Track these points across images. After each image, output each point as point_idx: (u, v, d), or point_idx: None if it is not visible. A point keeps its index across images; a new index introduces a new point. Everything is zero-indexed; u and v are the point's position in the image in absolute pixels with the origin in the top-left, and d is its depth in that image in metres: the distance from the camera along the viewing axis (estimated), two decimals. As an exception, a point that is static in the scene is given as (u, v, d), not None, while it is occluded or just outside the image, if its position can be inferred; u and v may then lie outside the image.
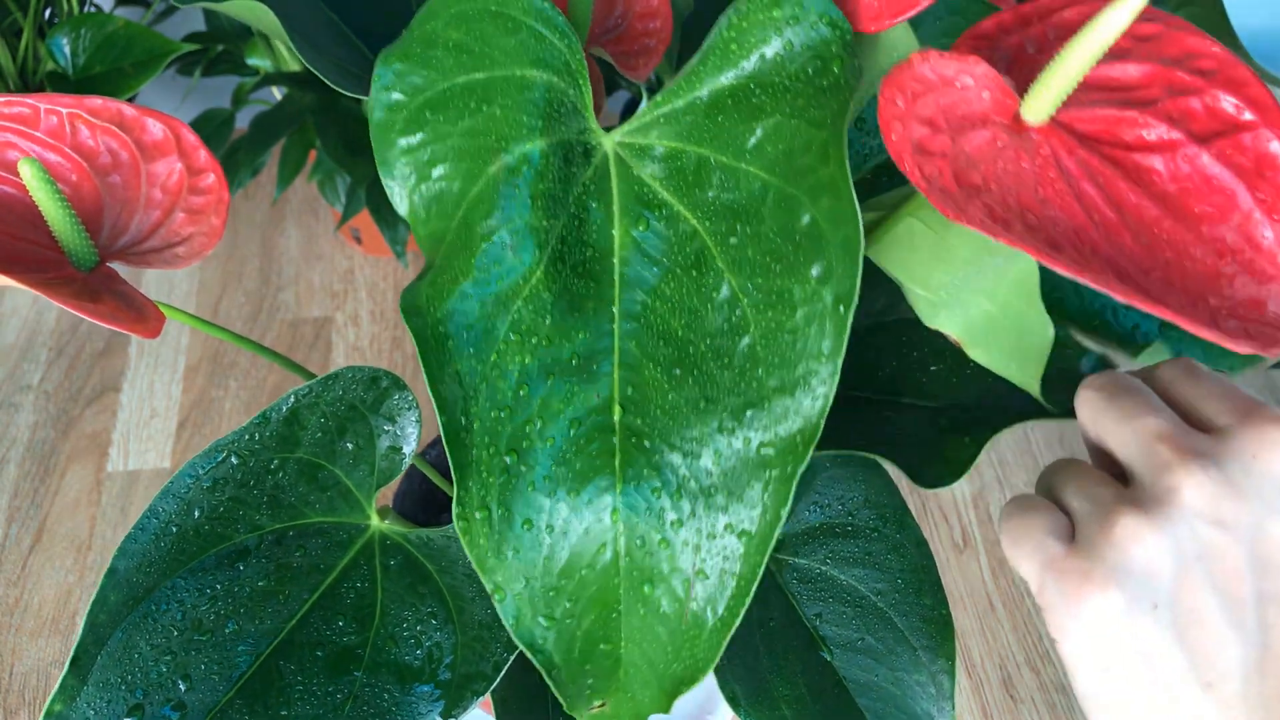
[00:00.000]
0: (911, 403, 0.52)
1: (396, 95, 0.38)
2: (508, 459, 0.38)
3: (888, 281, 0.46)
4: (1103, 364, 0.49)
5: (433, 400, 0.37)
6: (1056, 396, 0.45)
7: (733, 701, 0.51)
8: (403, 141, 0.38)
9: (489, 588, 0.38)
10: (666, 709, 0.39)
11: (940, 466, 0.46)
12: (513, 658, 0.46)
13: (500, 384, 0.38)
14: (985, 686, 0.96)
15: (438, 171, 0.38)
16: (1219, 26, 0.62)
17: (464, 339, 0.38)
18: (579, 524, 0.38)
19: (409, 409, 0.49)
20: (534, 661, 0.39)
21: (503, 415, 0.38)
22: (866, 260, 0.41)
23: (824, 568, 0.56)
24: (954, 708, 0.53)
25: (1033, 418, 0.47)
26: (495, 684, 0.45)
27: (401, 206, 0.37)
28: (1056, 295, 0.48)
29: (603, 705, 0.39)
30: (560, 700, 0.39)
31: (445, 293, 0.38)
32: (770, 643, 0.54)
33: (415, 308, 0.37)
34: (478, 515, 0.38)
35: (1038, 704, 0.95)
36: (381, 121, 0.37)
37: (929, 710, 0.53)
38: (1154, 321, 0.50)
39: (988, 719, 0.94)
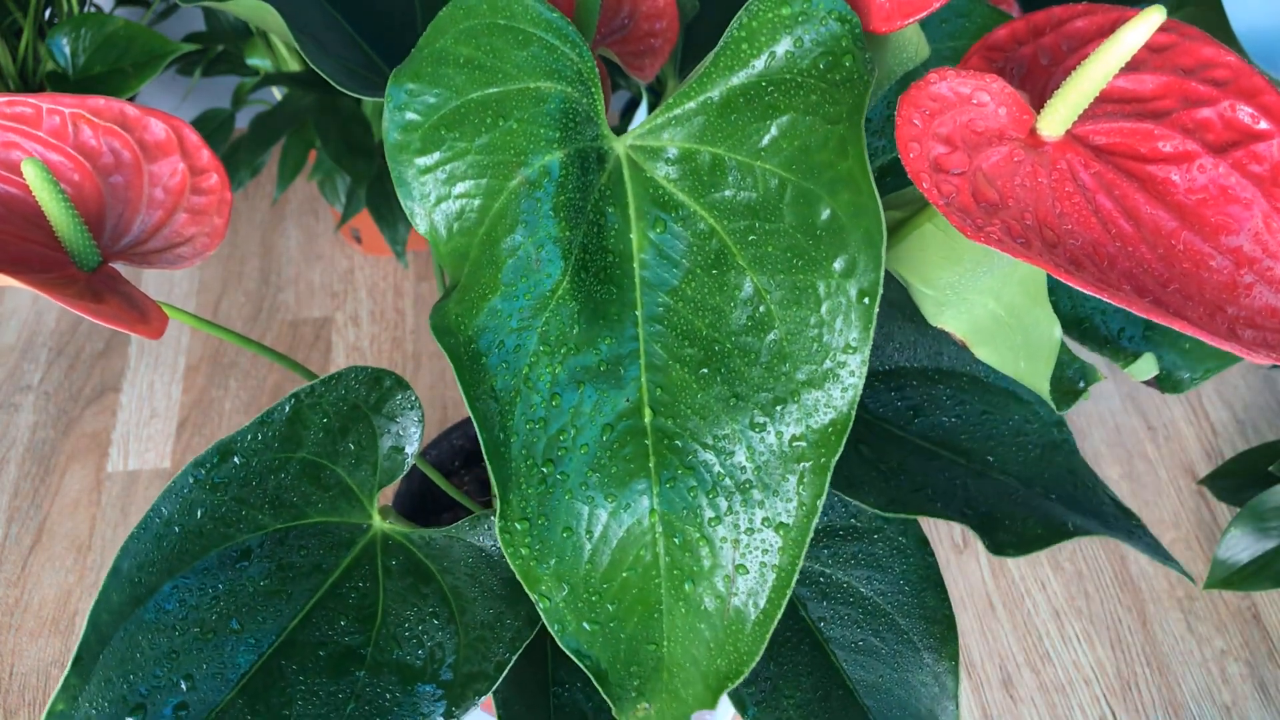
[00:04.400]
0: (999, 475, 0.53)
1: (411, 115, 0.37)
2: (544, 469, 0.38)
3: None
4: (1087, 374, 0.49)
5: (472, 417, 0.38)
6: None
7: (738, 704, 0.51)
8: (420, 161, 0.37)
9: (533, 597, 0.38)
10: (712, 705, 0.39)
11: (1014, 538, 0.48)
12: (515, 658, 0.46)
13: (533, 396, 0.38)
14: (985, 686, 0.96)
15: (458, 189, 0.38)
16: (1218, 27, 0.62)
17: (496, 355, 0.38)
18: (618, 527, 0.39)
19: (411, 409, 0.49)
20: (581, 667, 0.39)
21: (537, 426, 0.38)
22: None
23: (828, 569, 0.56)
24: (958, 707, 0.53)
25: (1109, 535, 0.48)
26: (497, 684, 0.45)
27: (422, 226, 0.37)
28: (1050, 298, 0.49)
29: (647, 707, 0.40)
30: (609, 703, 0.39)
31: (474, 310, 0.38)
32: (775, 645, 0.54)
33: (446, 327, 0.38)
34: (518, 526, 0.38)
35: (1038, 704, 0.95)
36: (397, 143, 0.37)
37: (933, 710, 0.53)
38: (1138, 326, 0.51)
39: (988, 719, 0.94)
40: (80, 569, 1.03)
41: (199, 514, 0.46)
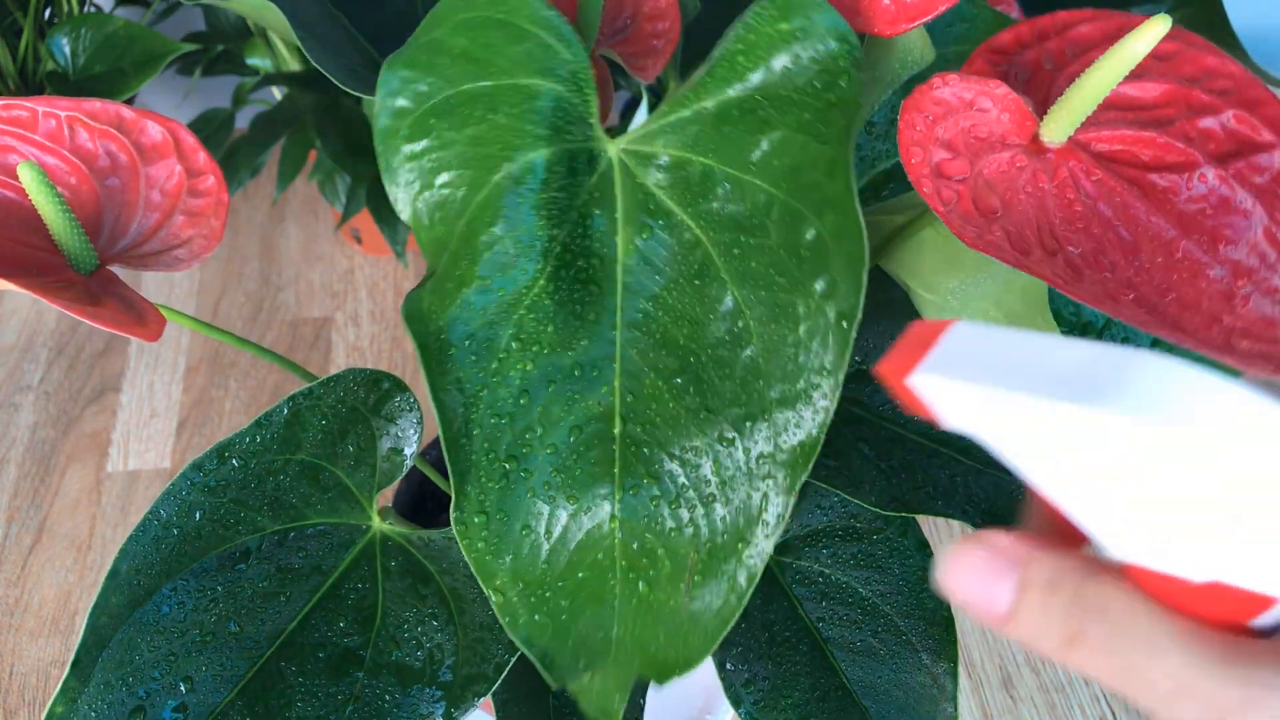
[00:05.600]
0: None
1: (402, 102, 0.37)
2: (507, 465, 0.38)
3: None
4: None
5: (433, 406, 0.37)
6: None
7: (736, 703, 0.51)
8: (407, 148, 0.37)
9: (486, 590, 0.38)
10: (659, 681, 0.39)
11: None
12: (514, 659, 0.46)
13: (501, 391, 0.38)
14: (985, 686, 0.96)
15: (442, 179, 0.38)
16: (1218, 27, 0.62)
17: (466, 347, 0.38)
18: (577, 529, 0.39)
19: (410, 410, 0.49)
20: (528, 654, 0.39)
21: (503, 422, 0.38)
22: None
23: (827, 570, 0.56)
24: (956, 709, 0.53)
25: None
26: (496, 685, 0.45)
27: (405, 213, 0.37)
28: (1053, 304, 0.48)
29: (592, 676, 0.39)
30: (548, 680, 0.39)
31: (448, 300, 0.38)
32: (774, 646, 0.54)
33: (418, 314, 0.37)
34: (476, 520, 0.38)
35: (1038, 704, 0.95)
36: (386, 128, 0.37)
37: (931, 711, 0.53)
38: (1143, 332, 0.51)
39: (988, 719, 0.94)
40: (80, 569, 1.03)
41: (197, 516, 0.46)
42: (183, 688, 0.43)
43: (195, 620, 0.45)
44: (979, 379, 0.18)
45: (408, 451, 0.49)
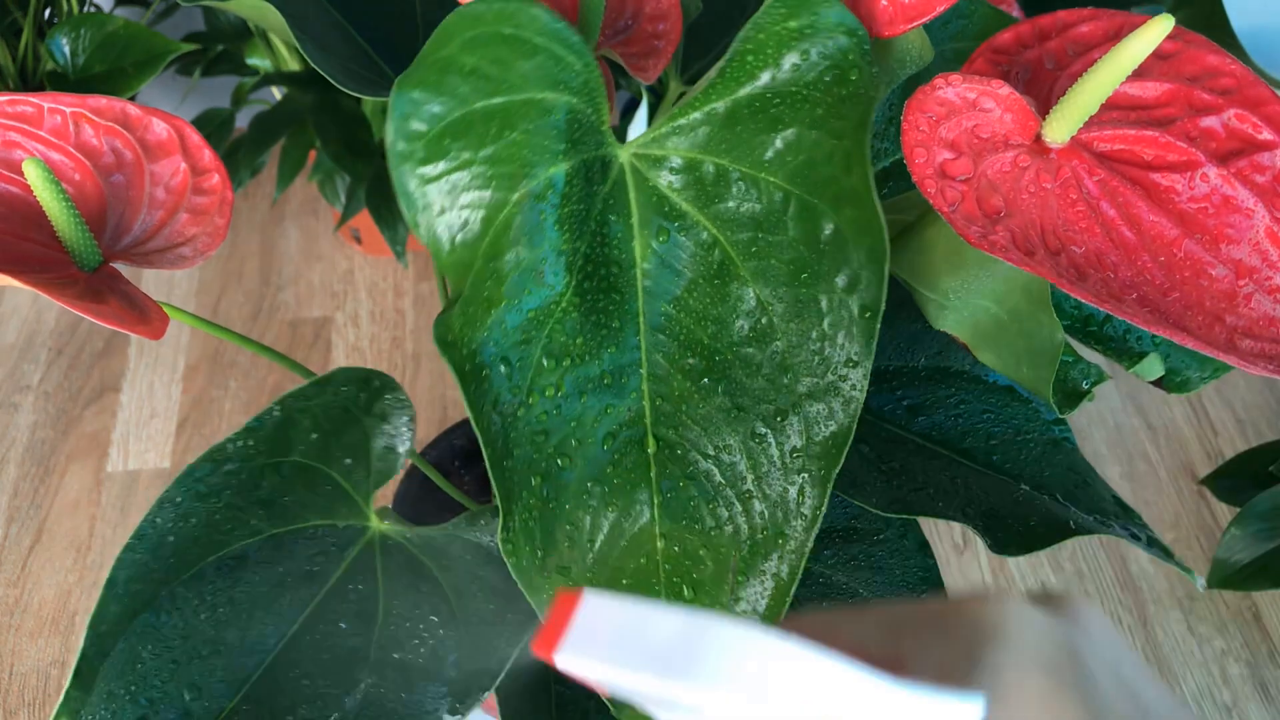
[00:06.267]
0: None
1: (416, 124, 0.36)
2: (548, 480, 0.38)
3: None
4: (1092, 375, 0.49)
5: (476, 430, 0.37)
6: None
7: None
8: (423, 171, 0.36)
9: (534, 605, 0.38)
10: None
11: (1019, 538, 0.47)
12: (516, 652, 0.46)
13: (536, 407, 0.38)
14: (986, 687, 0.96)
15: (461, 201, 0.37)
16: (1218, 27, 0.62)
17: (500, 369, 0.38)
18: (619, 537, 0.39)
19: (401, 409, 0.49)
20: None
21: (540, 439, 0.38)
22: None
23: (829, 571, 0.56)
24: None
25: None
26: (500, 679, 0.45)
27: (424, 237, 0.37)
28: (1055, 299, 0.48)
29: None
30: (613, 712, 0.39)
31: (478, 322, 0.37)
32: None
33: (450, 340, 0.37)
34: (521, 536, 0.38)
35: (1038, 704, 0.95)
36: (402, 152, 0.36)
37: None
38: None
39: (988, 719, 0.94)
40: (80, 569, 1.03)
41: (193, 522, 0.46)
42: (186, 695, 0.43)
43: (196, 627, 0.45)
44: (603, 656, 0.20)
45: (401, 450, 0.49)
